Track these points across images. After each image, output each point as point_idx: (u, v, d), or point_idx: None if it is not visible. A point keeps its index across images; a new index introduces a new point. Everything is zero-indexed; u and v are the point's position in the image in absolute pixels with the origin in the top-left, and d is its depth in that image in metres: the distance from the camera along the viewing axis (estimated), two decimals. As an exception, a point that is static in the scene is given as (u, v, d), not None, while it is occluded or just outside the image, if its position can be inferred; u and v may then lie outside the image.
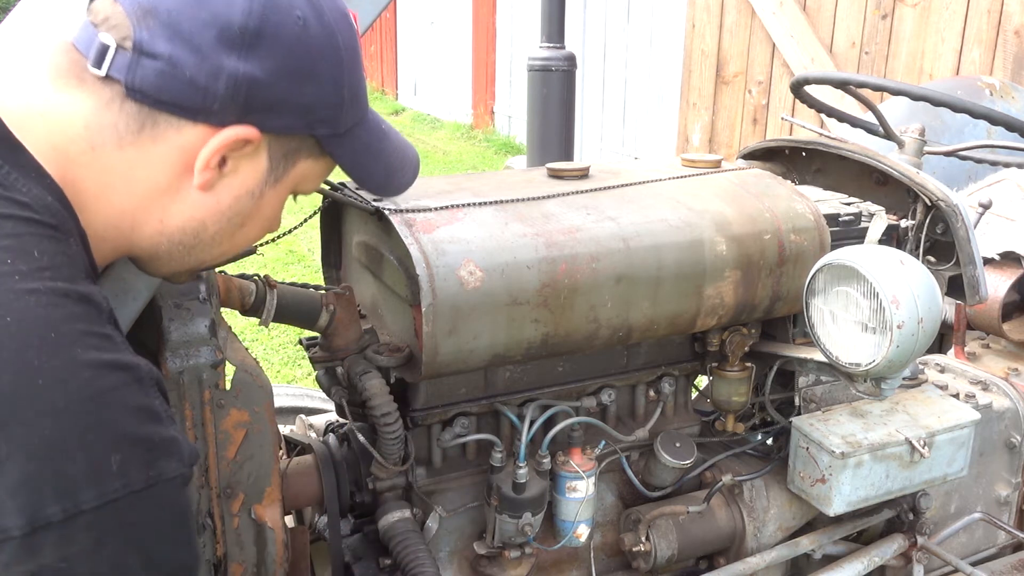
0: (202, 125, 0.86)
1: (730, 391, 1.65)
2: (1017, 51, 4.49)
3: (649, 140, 7.37)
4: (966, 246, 1.61)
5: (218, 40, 0.83)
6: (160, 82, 0.83)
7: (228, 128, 0.87)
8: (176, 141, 0.87)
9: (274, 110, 0.88)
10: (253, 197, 0.94)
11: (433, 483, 1.52)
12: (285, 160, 0.94)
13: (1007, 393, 1.92)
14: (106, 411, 0.72)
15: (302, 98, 0.90)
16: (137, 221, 0.90)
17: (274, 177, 0.94)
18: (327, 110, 0.93)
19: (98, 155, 0.85)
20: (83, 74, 0.85)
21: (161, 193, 0.89)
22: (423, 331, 1.26)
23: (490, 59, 9.85)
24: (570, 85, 4.58)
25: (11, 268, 0.73)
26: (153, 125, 0.85)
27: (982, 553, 1.99)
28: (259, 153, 0.91)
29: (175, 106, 0.85)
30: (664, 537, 1.59)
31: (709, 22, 6.07)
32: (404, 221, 1.31)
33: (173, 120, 0.86)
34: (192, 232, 0.93)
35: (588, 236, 1.38)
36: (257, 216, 0.97)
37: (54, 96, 0.85)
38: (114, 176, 0.87)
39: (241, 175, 0.92)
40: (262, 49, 0.85)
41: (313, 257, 5.13)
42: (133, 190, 0.88)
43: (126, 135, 0.85)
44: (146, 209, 0.90)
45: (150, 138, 0.86)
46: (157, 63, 0.83)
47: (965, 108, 1.68)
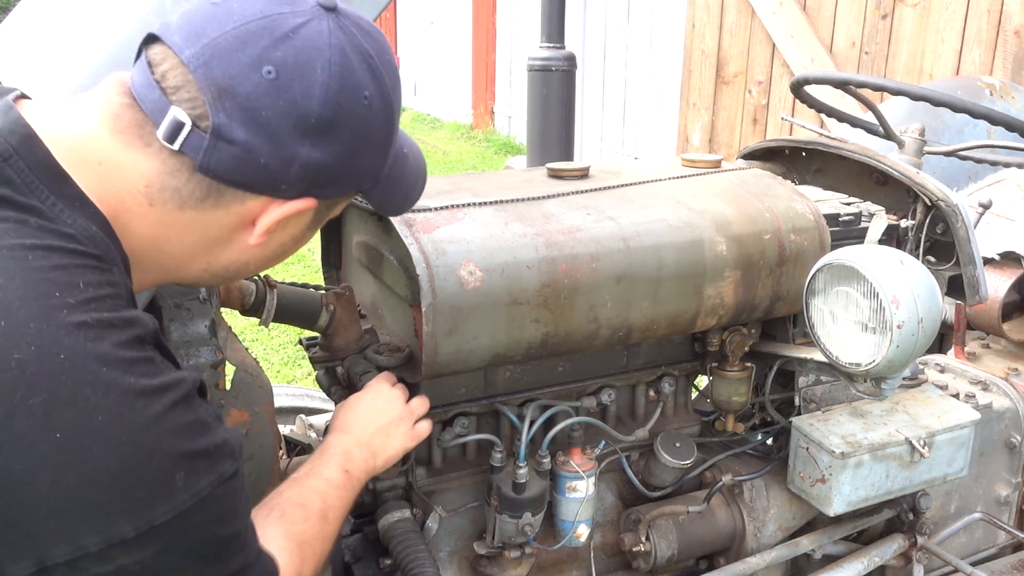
0: (266, 197, 0.90)
1: (730, 391, 1.65)
2: (1017, 51, 4.49)
3: (649, 140, 7.37)
4: (966, 246, 1.61)
5: (294, 130, 0.85)
6: (234, 165, 0.85)
7: (291, 202, 0.91)
8: (238, 209, 0.90)
9: (333, 184, 0.93)
10: (295, 241, 1.00)
11: (433, 483, 1.52)
12: (328, 210, 1.00)
13: (1007, 393, 1.92)
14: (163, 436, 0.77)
15: (358, 169, 0.94)
16: (184, 265, 0.94)
17: (316, 223, 1.00)
18: (374, 170, 0.97)
19: (155, 211, 0.87)
20: (149, 138, 0.85)
21: (212, 245, 0.93)
22: (423, 331, 1.26)
23: (490, 59, 9.85)
24: (570, 85, 4.58)
25: (60, 302, 0.76)
26: (218, 196, 0.88)
27: (982, 553, 1.99)
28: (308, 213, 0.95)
29: (245, 185, 0.88)
30: (664, 537, 1.59)
31: (709, 22, 6.07)
32: (404, 221, 1.31)
33: (239, 194, 0.88)
34: (235, 270, 0.99)
35: (588, 236, 1.38)
36: (292, 249, 1.02)
37: (115, 149, 0.86)
38: (169, 231, 0.89)
39: (289, 230, 0.96)
40: (332, 136, 0.88)
41: (313, 257, 5.13)
42: (185, 242, 0.91)
43: (189, 201, 0.87)
44: (195, 255, 0.93)
45: (212, 205, 0.89)
46: (233, 148, 0.84)
47: (965, 108, 1.68)
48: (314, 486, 1.11)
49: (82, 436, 0.72)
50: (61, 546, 0.72)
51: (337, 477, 1.15)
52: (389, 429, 1.28)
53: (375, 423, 1.27)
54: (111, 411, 0.74)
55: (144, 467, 0.75)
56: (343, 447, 1.21)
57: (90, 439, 0.73)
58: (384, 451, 1.26)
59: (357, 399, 1.31)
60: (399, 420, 1.30)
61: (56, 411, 0.72)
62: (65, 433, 0.72)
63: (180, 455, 0.78)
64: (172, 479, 0.77)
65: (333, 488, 1.13)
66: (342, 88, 0.87)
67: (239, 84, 0.83)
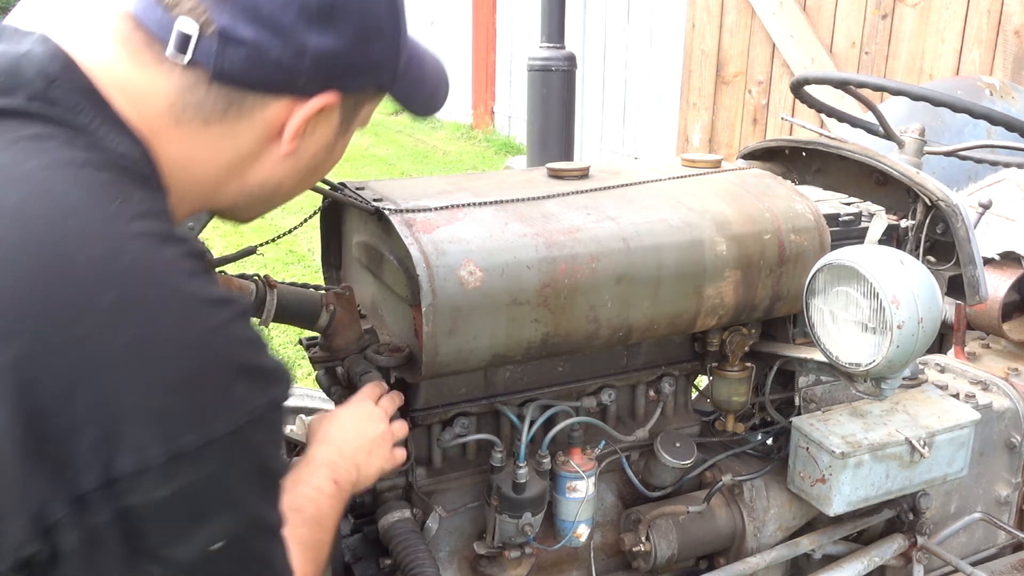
0: (286, 98, 0.89)
1: (730, 391, 1.65)
2: (1017, 51, 4.49)
3: (649, 140, 7.37)
4: (966, 246, 1.61)
5: (298, 18, 0.85)
6: (247, 66, 0.85)
7: (313, 99, 0.89)
8: (261, 116, 0.89)
9: (350, 74, 0.92)
10: (327, 149, 0.98)
11: (433, 483, 1.52)
12: (354, 111, 0.98)
13: (1007, 393, 1.92)
14: (227, 344, 0.77)
15: (372, 57, 0.93)
16: (219, 185, 0.93)
17: (344, 128, 0.98)
18: (390, 61, 0.96)
19: (182, 131, 0.87)
20: (160, 56, 0.85)
21: (244, 160, 0.92)
22: (423, 331, 1.26)
23: (490, 59, 9.84)
24: (570, 85, 4.58)
25: (119, 210, 0.75)
26: (239, 104, 0.87)
27: (982, 553, 1.99)
28: (333, 112, 0.94)
29: (262, 86, 0.87)
30: (664, 537, 1.59)
31: (709, 22, 6.07)
32: (404, 221, 1.31)
33: (259, 98, 0.88)
34: (271, 188, 0.97)
35: (588, 236, 1.38)
36: (327, 163, 1.01)
37: (132, 72, 0.85)
38: (199, 149, 0.89)
39: (318, 135, 0.95)
40: (338, 20, 0.87)
41: (313, 257, 5.13)
42: (218, 160, 0.91)
43: (212, 114, 0.87)
44: (228, 175, 0.93)
45: (236, 116, 0.88)
46: (243, 49, 0.84)
47: (965, 108, 1.68)
48: (305, 493, 1.09)
49: (150, 337, 0.71)
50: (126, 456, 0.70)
51: (327, 486, 1.14)
52: (371, 447, 1.26)
53: (357, 439, 1.25)
54: (177, 314, 0.73)
55: (207, 374, 0.74)
56: (328, 458, 1.19)
57: (157, 340, 0.72)
58: (365, 468, 1.24)
59: (339, 413, 1.29)
60: (380, 439, 1.28)
61: (125, 311, 0.71)
62: (134, 333, 0.70)
63: (240, 367, 0.77)
64: (232, 391, 0.76)
65: (324, 496, 1.11)
66: None
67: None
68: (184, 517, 0.74)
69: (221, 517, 0.77)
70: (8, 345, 0.67)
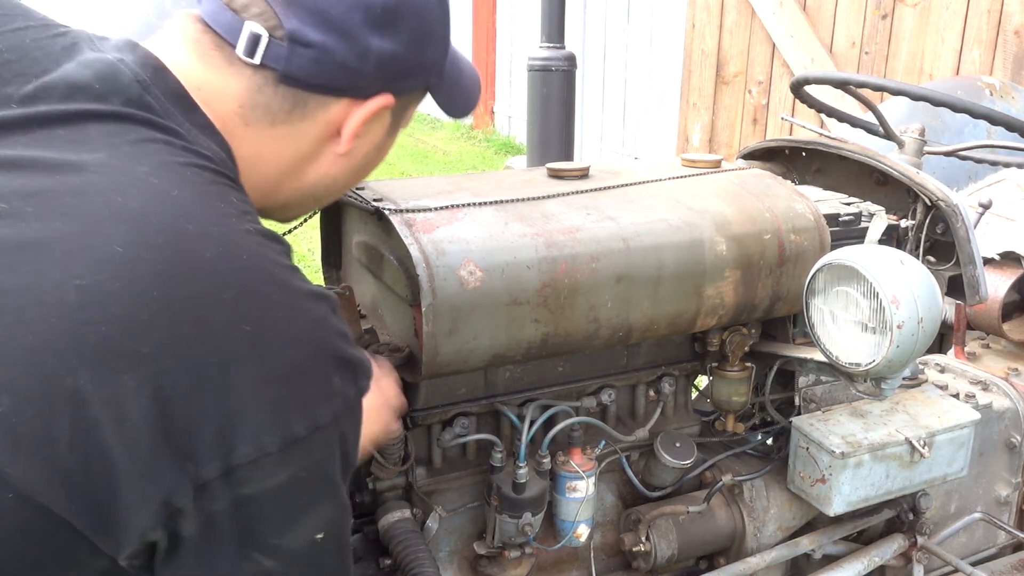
0: (347, 99, 0.93)
1: (730, 391, 1.65)
2: (1017, 51, 4.49)
3: (649, 140, 7.36)
4: (966, 246, 1.61)
5: (364, 23, 0.88)
6: (315, 68, 0.88)
7: (371, 100, 0.93)
8: (323, 116, 0.93)
9: (406, 77, 0.96)
10: (378, 149, 1.03)
11: (433, 483, 1.51)
12: (404, 112, 1.03)
13: (1007, 393, 1.92)
14: (327, 337, 0.81)
15: (425, 59, 0.97)
16: (279, 184, 0.97)
17: (394, 128, 1.03)
18: (439, 63, 1.00)
19: (251, 131, 0.90)
20: (231, 58, 0.88)
21: (304, 159, 0.96)
22: (423, 331, 1.26)
23: (490, 59, 9.84)
24: (570, 85, 4.58)
25: (226, 210, 0.80)
26: (304, 105, 0.91)
27: (982, 553, 1.99)
28: (387, 112, 0.98)
29: (326, 88, 0.91)
30: (664, 537, 1.59)
31: (709, 22, 6.07)
32: (404, 221, 1.31)
33: (322, 99, 0.91)
34: (325, 186, 1.01)
35: (588, 236, 1.38)
36: (376, 160, 1.05)
37: (205, 74, 0.89)
38: (265, 149, 0.92)
39: (372, 134, 0.99)
40: (399, 24, 0.91)
41: (313, 257, 5.13)
42: (280, 159, 0.94)
43: (279, 115, 0.91)
44: (288, 174, 0.96)
45: (299, 116, 0.92)
46: (311, 51, 0.87)
47: (965, 108, 1.68)
48: None
49: (267, 330, 0.75)
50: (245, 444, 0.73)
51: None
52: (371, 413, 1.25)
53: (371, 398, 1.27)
54: (288, 308, 0.77)
55: (314, 364, 0.78)
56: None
57: (273, 333, 0.75)
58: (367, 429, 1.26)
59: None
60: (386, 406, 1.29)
61: (244, 305, 0.74)
62: (253, 326, 0.74)
63: (338, 358, 0.81)
64: (332, 380, 0.79)
65: None
66: None
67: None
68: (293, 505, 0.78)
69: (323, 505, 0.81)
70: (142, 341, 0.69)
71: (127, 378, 0.69)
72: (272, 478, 0.75)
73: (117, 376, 0.68)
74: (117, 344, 0.69)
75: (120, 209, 0.74)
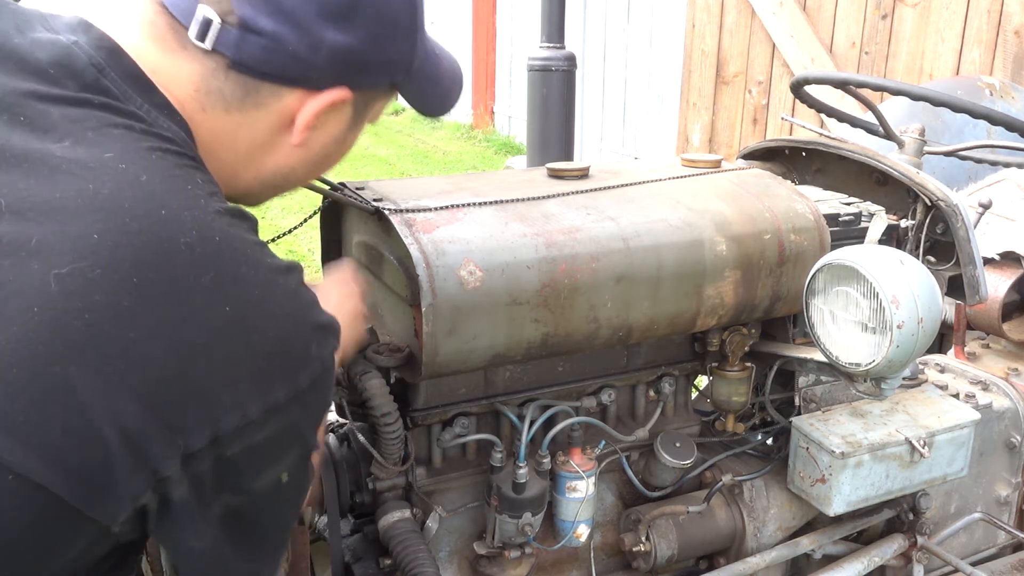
0: (300, 90, 0.92)
1: (730, 391, 1.65)
2: (1017, 51, 4.49)
3: (649, 140, 7.36)
4: (966, 246, 1.61)
5: (318, 14, 0.88)
6: (265, 56, 0.88)
7: (325, 92, 0.93)
8: (276, 106, 0.93)
9: (364, 71, 0.95)
10: (337, 142, 1.02)
11: (433, 483, 1.51)
12: (366, 106, 1.01)
13: (1007, 393, 1.92)
14: (301, 308, 0.85)
15: (387, 56, 0.96)
16: (236, 172, 0.97)
17: (355, 122, 1.02)
18: (404, 59, 0.99)
19: (208, 116, 0.91)
20: (184, 41, 0.88)
21: (259, 149, 0.96)
22: (423, 331, 1.26)
23: (490, 59, 9.84)
24: (570, 85, 4.58)
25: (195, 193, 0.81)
26: (256, 93, 0.91)
27: (982, 553, 1.99)
28: (346, 107, 0.97)
29: (278, 77, 0.90)
30: (664, 537, 1.59)
31: (709, 22, 6.07)
32: (404, 221, 1.31)
33: (274, 88, 0.91)
34: (283, 176, 1.02)
35: (588, 236, 1.38)
36: (337, 154, 1.05)
37: (160, 57, 0.88)
38: (221, 135, 0.93)
39: (329, 127, 0.98)
40: (356, 18, 0.90)
41: (313, 257, 5.13)
42: (236, 148, 0.95)
43: (232, 101, 0.91)
44: (245, 162, 0.97)
45: (253, 104, 0.92)
46: (262, 39, 0.87)
47: (965, 108, 1.68)
48: None
49: (247, 308, 0.78)
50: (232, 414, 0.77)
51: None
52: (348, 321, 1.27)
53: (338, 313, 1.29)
54: (264, 285, 0.81)
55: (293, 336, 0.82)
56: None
57: (253, 311, 0.79)
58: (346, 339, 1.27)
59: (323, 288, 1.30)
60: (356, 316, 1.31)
61: (223, 286, 0.77)
62: (233, 306, 0.77)
63: (312, 326, 0.85)
64: (309, 348, 0.84)
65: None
66: None
67: None
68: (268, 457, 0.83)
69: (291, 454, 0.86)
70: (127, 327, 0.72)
71: (115, 363, 0.71)
72: (252, 439, 0.79)
73: (105, 362, 0.71)
74: (102, 331, 0.71)
75: (93, 197, 0.74)
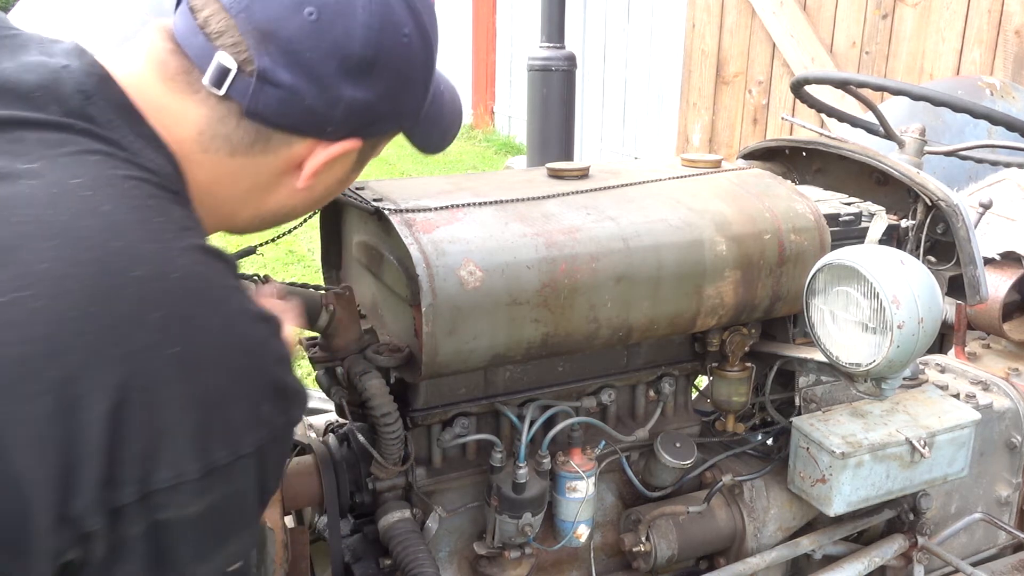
0: (312, 139, 0.91)
1: (730, 391, 1.65)
2: (1017, 51, 4.49)
3: (649, 140, 7.36)
4: (966, 246, 1.61)
5: (338, 71, 0.86)
6: (281, 109, 0.87)
7: (337, 143, 0.92)
8: (285, 153, 0.91)
9: (378, 123, 0.94)
10: (341, 183, 1.01)
11: (433, 483, 1.51)
12: (372, 149, 1.00)
13: (1007, 393, 1.92)
14: (260, 362, 0.79)
15: (400, 107, 0.96)
16: (236, 210, 0.96)
17: (360, 165, 1.01)
18: (416, 110, 0.99)
19: (209, 158, 0.89)
20: (196, 85, 0.86)
21: (262, 190, 0.95)
22: (423, 331, 1.26)
23: (490, 59, 9.84)
24: (570, 85, 4.57)
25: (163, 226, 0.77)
26: (266, 141, 0.89)
27: (982, 553, 1.98)
28: (353, 153, 0.97)
29: (291, 128, 0.89)
30: (664, 537, 1.59)
31: (709, 22, 6.07)
32: (404, 221, 1.31)
33: (286, 136, 0.90)
34: (284, 214, 1.00)
35: (588, 236, 1.38)
36: (338, 191, 1.04)
37: (166, 97, 0.87)
38: (222, 176, 0.91)
39: (335, 171, 0.98)
40: (375, 75, 0.89)
41: (313, 257, 5.13)
42: (237, 188, 0.93)
43: (239, 147, 0.89)
44: (244, 201, 0.95)
45: (261, 151, 0.90)
46: (279, 91, 0.86)
47: (965, 108, 1.68)
48: None
49: (195, 353, 0.73)
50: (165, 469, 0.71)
51: None
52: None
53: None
54: (221, 330, 0.75)
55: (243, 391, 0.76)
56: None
57: (202, 356, 0.73)
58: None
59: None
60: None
61: (172, 329, 0.72)
62: (180, 351, 0.72)
63: (272, 385, 0.79)
64: (260, 408, 0.77)
65: None
66: (383, 27, 0.88)
67: (282, 27, 0.84)
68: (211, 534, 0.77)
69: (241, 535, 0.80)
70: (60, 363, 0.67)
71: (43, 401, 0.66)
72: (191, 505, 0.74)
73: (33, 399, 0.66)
74: (33, 366, 0.66)
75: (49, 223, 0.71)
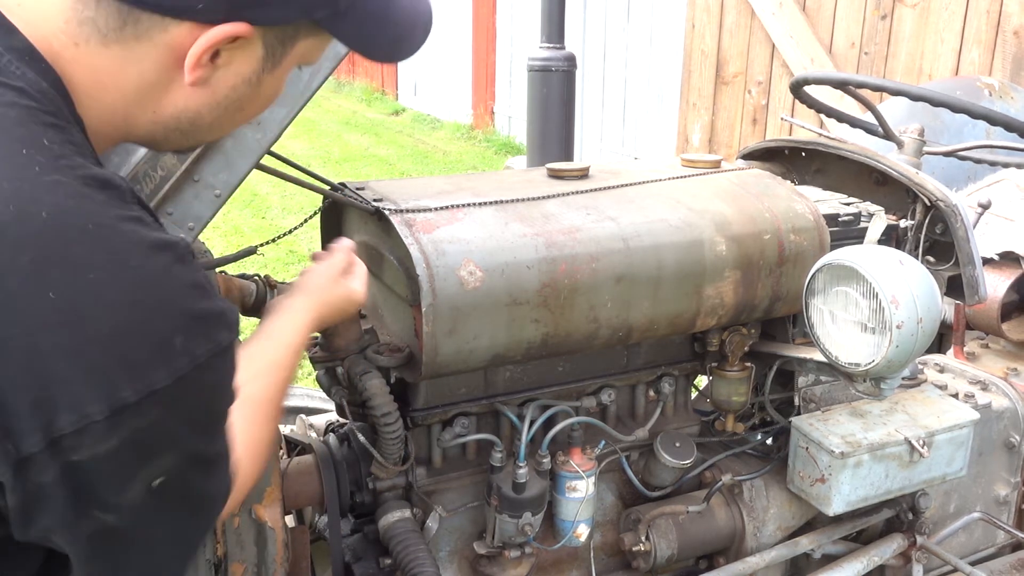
0: (189, 23, 0.82)
1: (730, 391, 1.66)
2: (1016, 51, 4.49)
3: (649, 140, 7.37)
4: (965, 246, 1.61)
5: None
6: None
7: (216, 27, 0.83)
8: (162, 39, 0.83)
9: (264, 4, 0.84)
10: (250, 84, 0.91)
11: (433, 483, 1.52)
12: (282, 45, 0.90)
13: (1006, 393, 1.92)
14: (163, 294, 0.74)
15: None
16: (130, 115, 0.88)
17: (271, 63, 0.91)
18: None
19: (83, 51, 0.82)
20: None
21: (151, 88, 0.86)
22: (423, 331, 1.26)
23: (490, 59, 9.84)
24: (570, 85, 4.58)
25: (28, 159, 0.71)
26: (135, 23, 0.82)
27: (981, 553, 1.99)
28: (253, 43, 0.87)
29: (155, 6, 0.82)
30: (664, 537, 1.59)
31: (709, 22, 6.07)
32: (404, 221, 1.31)
33: (157, 19, 0.82)
34: (188, 120, 0.91)
35: (588, 236, 1.38)
36: (256, 99, 0.94)
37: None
38: (102, 73, 0.84)
39: (235, 66, 0.88)
40: None
41: (313, 257, 5.12)
42: (122, 86, 0.86)
43: (108, 32, 0.82)
44: (137, 104, 0.87)
45: (133, 36, 0.82)
46: None
47: (964, 108, 1.69)
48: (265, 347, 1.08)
49: (76, 295, 0.68)
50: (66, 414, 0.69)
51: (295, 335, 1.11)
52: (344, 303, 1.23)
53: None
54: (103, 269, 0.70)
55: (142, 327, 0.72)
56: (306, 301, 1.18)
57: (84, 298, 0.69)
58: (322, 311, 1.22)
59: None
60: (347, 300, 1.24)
61: (46, 270, 0.68)
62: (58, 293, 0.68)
63: (180, 315, 0.74)
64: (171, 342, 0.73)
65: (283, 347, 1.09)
66: None
67: None
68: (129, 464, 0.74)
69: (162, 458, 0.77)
70: None
71: None
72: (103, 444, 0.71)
73: None
74: None
75: None
